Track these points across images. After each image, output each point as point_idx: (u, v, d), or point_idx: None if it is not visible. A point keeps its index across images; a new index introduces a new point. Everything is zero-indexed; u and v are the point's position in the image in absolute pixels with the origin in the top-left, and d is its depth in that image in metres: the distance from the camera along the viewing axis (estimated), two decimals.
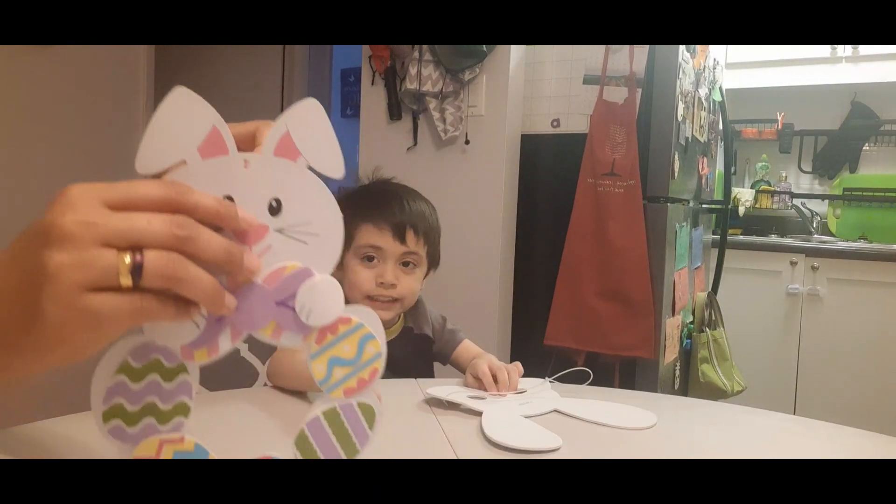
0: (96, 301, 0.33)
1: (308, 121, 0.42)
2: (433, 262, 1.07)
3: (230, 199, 0.40)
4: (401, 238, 0.99)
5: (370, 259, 1.00)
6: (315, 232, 0.42)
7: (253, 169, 0.41)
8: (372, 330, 0.45)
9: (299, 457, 0.45)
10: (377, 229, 0.99)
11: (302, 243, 0.42)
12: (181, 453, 0.43)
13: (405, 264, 1.02)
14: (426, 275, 1.07)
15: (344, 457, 0.46)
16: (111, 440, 0.41)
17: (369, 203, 1.02)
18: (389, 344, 1.08)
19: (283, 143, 0.41)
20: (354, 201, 1.05)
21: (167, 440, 0.42)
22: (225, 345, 0.41)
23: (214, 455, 0.44)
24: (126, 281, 0.34)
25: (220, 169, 0.40)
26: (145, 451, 0.42)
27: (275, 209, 0.41)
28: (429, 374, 1.10)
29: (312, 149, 0.42)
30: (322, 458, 0.46)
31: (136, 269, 0.34)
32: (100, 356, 0.40)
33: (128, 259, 0.34)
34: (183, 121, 0.39)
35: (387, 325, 1.05)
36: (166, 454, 0.42)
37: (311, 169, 0.42)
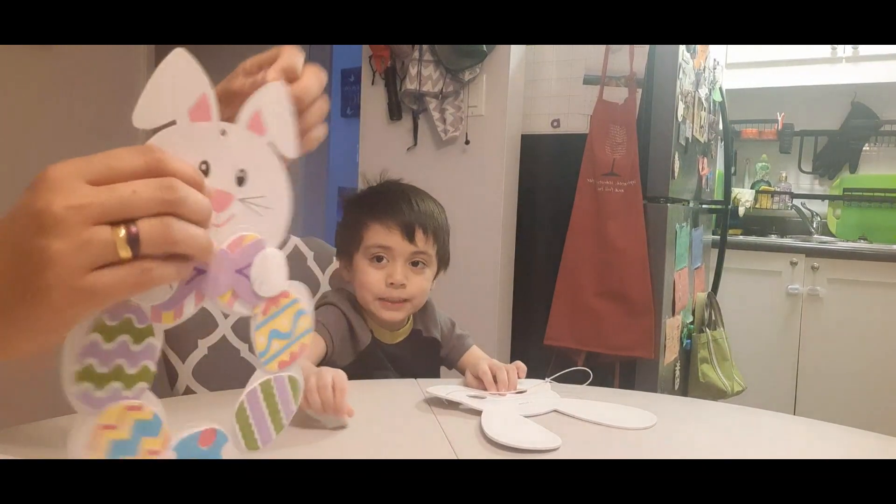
0: (100, 279, 0.34)
1: (276, 102, 0.45)
2: (443, 262, 1.06)
3: (206, 164, 0.42)
4: (410, 237, 0.99)
5: (379, 259, 0.99)
6: (269, 206, 0.44)
7: (229, 138, 0.43)
8: (304, 305, 0.47)
9: (237, 429, 0.47)
10: (386, 229, 0.99)
11: (258, 215, 0.44)
12: (141, 422, 0.43)
13: (414, 264, 1.01)
14: (436, 275, 1.06)
15: (273, 432, 0.48)
16: (79, 405, 0.40)
17: (377, 203, 1.01)
18: (398, 346, 1.08)
19: (255, 119, 0.44)
20: (362, 202, 1.04)
21: (130, 406, 0.42)
22: (189, 308, 0.42)
23: (167, 425, 0.44)
24: (125, 253, 0.34)
25: (202, 134, 0.42)
26: (109, 418, 0.42)
27: (241, 180, 0.43)
28: (435, 377, 1.10)
29: (276, 128, 0.45)
30: (256, 430, 0.47)
31: (133, 240, 0.35)
32: None
33: (122, 232, 0.34)
34: (179, 82, 0.42)
35: (396, 326, 1.04)
36: (128, 422, 0.42)
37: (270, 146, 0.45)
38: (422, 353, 1.07)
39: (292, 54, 0.47)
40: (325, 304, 1.02)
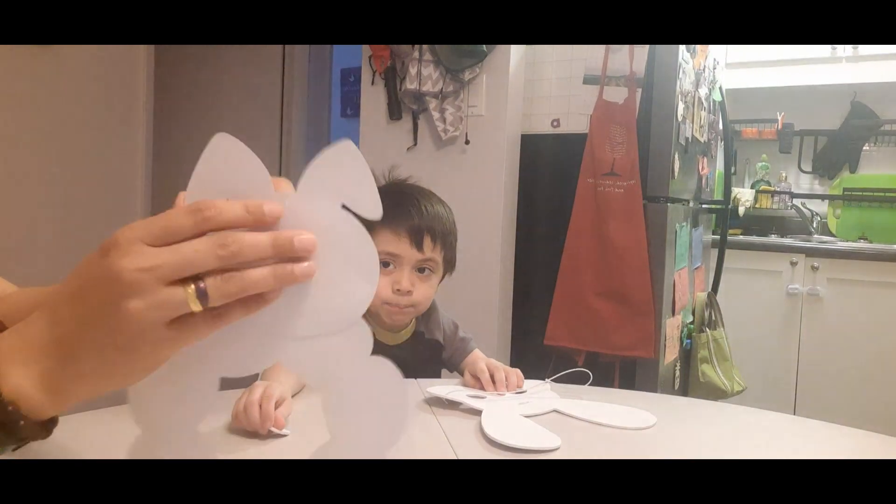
0: (178, 331, 0.39)
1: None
2: (449, 266, 1.06)
3: None
4: (418, 245, 0.98)
5: (386, 265, 0.99)
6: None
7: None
8: None
9: None
10: (395, 235, 0.98)
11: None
12: None
13: (421, 270, 1.00)
14: (441, 280, 1.06)
15: None
16: None
17: (387, 206, 1.01)
18: (399, 347, 1.08)
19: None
20: None
21: None
22: None
23: None
24: (196, 307, 0.38)
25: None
26: None
27: None
28: (436, 378, 1.09)
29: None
30: None
31: (202, 294, 0.38)
32: None
33: (192, 289, 0.38)
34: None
35: (398, 328, 1.04)
36: None
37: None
38: (424, 354, 1.07)
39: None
40: None
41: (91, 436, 0.66)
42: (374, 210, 0.42)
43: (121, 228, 0.39)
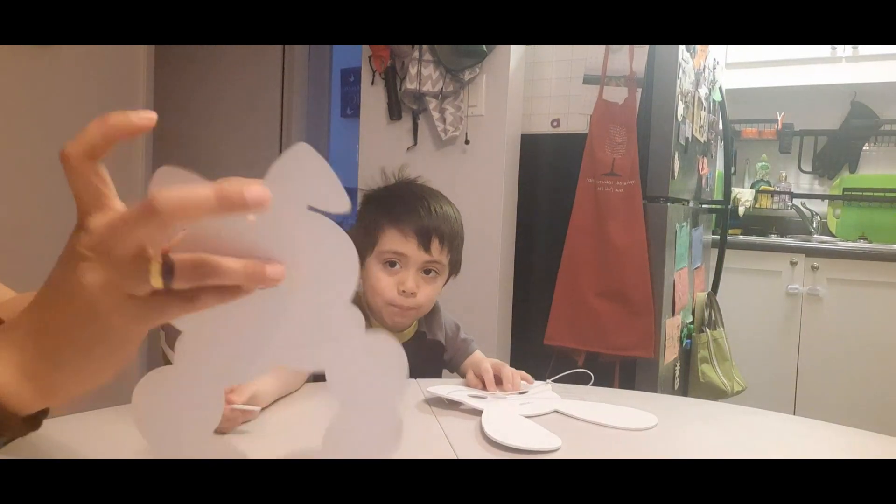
0: (146, 308, 0.37)
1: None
2: (454, 268, 1.06)
3: None
4: (425, 247, 0.98)
5: (392, 264, 0.99)
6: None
7: None
8: None
9: None
10: (402, 236, 0.97)
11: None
12: None
13: (427, 272, 1.00)
14: (446, 281, 1.06)
15: None
16: None
17: (396, 206, 1.00)
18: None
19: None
20: (380, 203, 1.03)
21: None
22: None
23: None
24: (158, 283, 0.36)
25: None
26: None
27: None
28: (437, 378, 1.09)
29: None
30: None
31: (167, 271, 0.36)
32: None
33: (156, 265, 0.36)
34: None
35: (400, 329, 1.04)
36: None
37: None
38: (425, 355, 1.07)
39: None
40: None
41: (92, 436, 0.66)
42: (342, 204, 0.41)
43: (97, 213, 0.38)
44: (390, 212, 1.00)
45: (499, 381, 0.90)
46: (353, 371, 0.45)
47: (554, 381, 0.92)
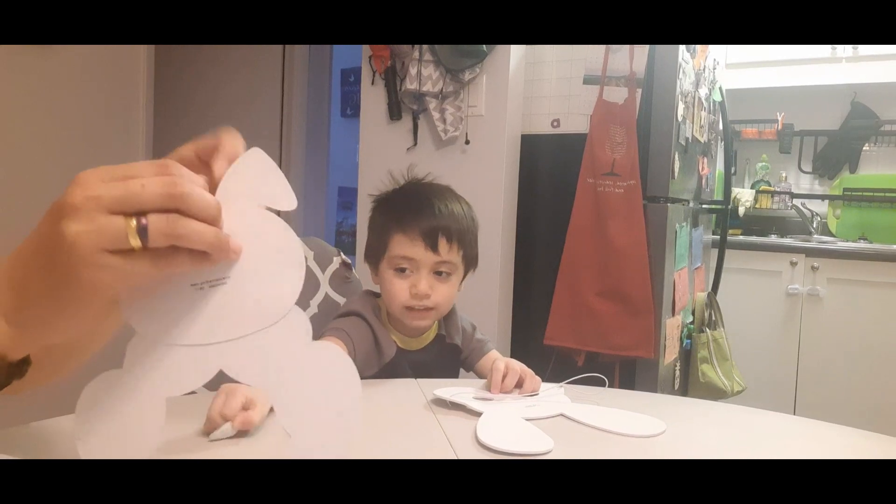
0: (115, 261, 0.39)
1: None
2: (470, 264, 1.04)
3: None
4: (433, 248, 0.97)
5: (402, 270, 0.98)
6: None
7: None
8: None
9: None
10: (409, 240, 0.97)
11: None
12: None
13: (439, 273, 0.99)
14: (464, 278, 1.04)
15: None
16: None
17: (401, 210, 1.00)
18: (422, 351, 1.08)
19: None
20: (387, 208, 1.02)
21: None
22: None
23: None
24: (135, 242, 0.38)
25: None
26: None
27: None
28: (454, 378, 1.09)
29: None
30: None
31: (142, 230, 0.39)
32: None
33: (133, 223, 0.38)
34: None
35: (421, 331, 1.04)
36: None
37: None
38: (444, 358, 1.07)
39: (235, 143, 0.46)
40: (352, 315, 1.00)
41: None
42: (290, 202, 0.44)
43: (87, 169, 0.40)
44: (396, 216, 0.99)
45: (519, 384, 0.89)
46: (300, 390, 0.45)
47: (567, 384, 0.92)
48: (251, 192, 0.44)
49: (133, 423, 0.45)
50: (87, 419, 0.45)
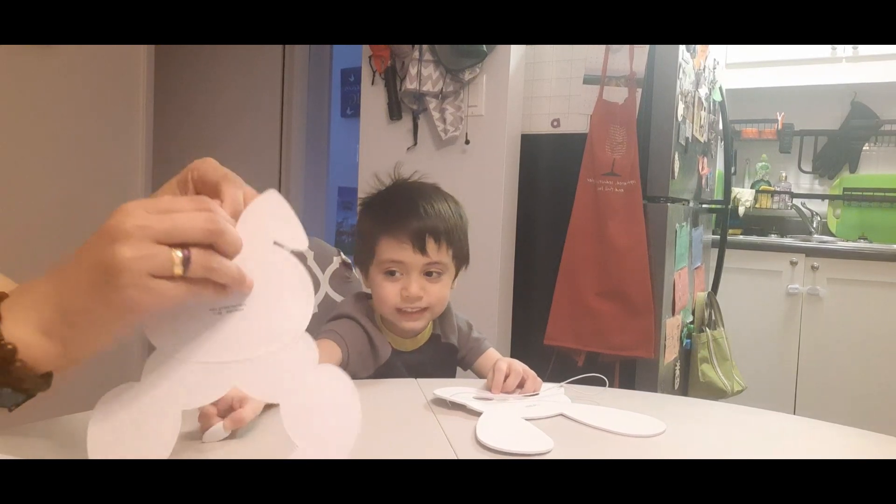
0: (160, 285, 0.43)
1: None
2: (461, 262, 1.04)
3: None
4: (421, 250, 0.96)
5: (392, 273, 0.97)
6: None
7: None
8: None
9: None
10: (397, 242, 0.96)
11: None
12: None
13: (429, 274, 0.98)
14: (456, 276, 1.04)
15: None
16: None
17: (387, 213, 0.99)
18: (417, 352, 1.07)
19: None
20: (373, 211, 1.02)
21: None
22: None
23: None
24: (179, 271, 0.43)
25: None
26: None
27: None
28: (451, 378, 1.09)
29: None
30: None
31: (186, 261, 0.44)
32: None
33: (179, 254, 0.43)
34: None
35: (415, 332, 1.03)
36: None
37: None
38: (440, 358, 1.06)
39: (236, 196, 0.50)
40: (344, 318, 1.00)
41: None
42: (301, 243, 0.50)
43: (131, 201, 0.45)
44: (383, 220, 0.98)
45: (521, 385, 0.89)
46: (306, 406, 0.49)
47: (567, 383, 0.92)
48: (268, 232, 0.49)
49: (149, 431, 0.48)
50: (102, 428, 0.48)
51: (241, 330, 0.48)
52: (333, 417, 0.50)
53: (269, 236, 0.49)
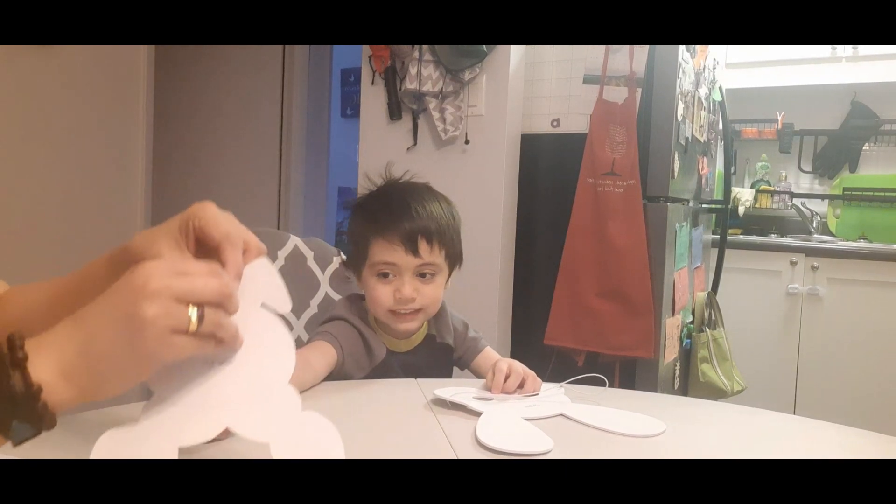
0: (179, 340, 0.48)
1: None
2: (454, 262, 1.03)
3: None
4: (413, 251, 0.95)
5: (385, 275, 0.97)
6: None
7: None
8: None
9: None
10: (389, 244, 0.96)
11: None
12: None
13: (422, 275, 0.98)
14: (449, 275, 1.03)
15: None
16: None
17: (378, 215, 0.98)
18: (412, 352, 1.07)
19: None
20: (365, 213, 1.01)
21: None
22: None
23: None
24: (193, 328, 0.48)
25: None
26: None
27: None
28: (447, 378, 1.08)
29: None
30: None
31: (200, 318, 0.49)
32: None
33: (195, 311, 0.48)
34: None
35: (410, 333, 1.03)
36: None
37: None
38: (435, 358, 1.06)
39: (237, 261, 0.56)
40: (337, 320, 1.00)
41: (93, 436, 0.66)
42: (285, 306, 0.57)
43: (151, 261, 0.50)
44: (374, 222, 0.98)
45: (521, 386, 0.88)
46: (292, 444, 0.53)
47: (567, 384, 0.92)
48: (257, 296, 0.56)
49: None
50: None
51: (230, 380, 0.54)
52: (318, 450, 0.54)
53: (259, 299, 0.56)
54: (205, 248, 0.57)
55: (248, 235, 0.58)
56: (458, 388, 0.84)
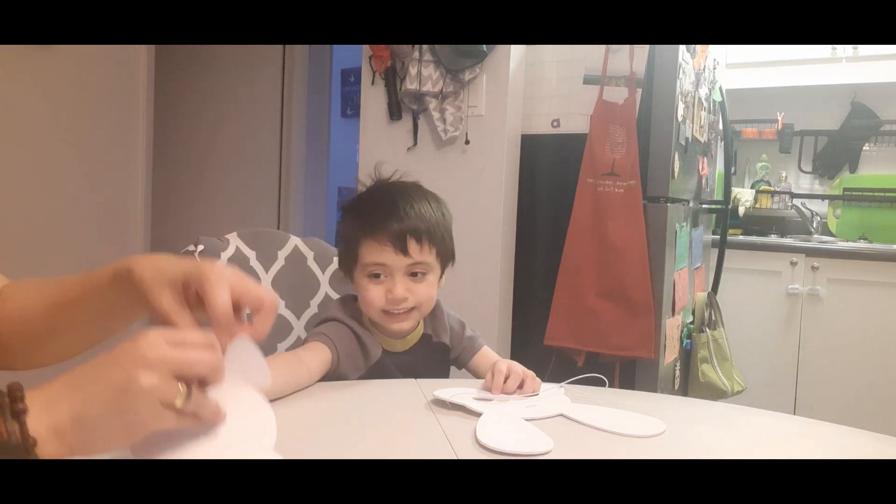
0: (167, 414, 0.50)
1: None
2: (446, 260, 1.02)
3: None
4: (403, 251, 0.95)
5: (377, 276, 0.97)
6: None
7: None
8: None
9: None
10: (378, 245, 0.95)
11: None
12: None
13: (413, 274, 0.98)
14: (442, 273, 1.03)
15: None
16: None
17: (367, 216, 0.98)
18: (408, 352, 1.06)
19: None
20: (354, 214, 1.01)
21: None
22: None
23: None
24: (180, 403, 0.51)
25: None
26: None
27: None
28: (444, 378, 1.08)
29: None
30: None
31: (186, 398, 0.51)
32: None
33: (184, 389, 0.51)
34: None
35: (404, 333, 1.03)
36: None
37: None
38: (432, 358, 1.06)
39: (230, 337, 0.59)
40: (331, 321, 1.00)
41: None
42: (264, 382, 0.62)
43: (150, 331, 0.52)
44: (363, 223, 0.98)
45: (520, 386, 0.88)
46: None
47: (567, 384, 0.91)
48: (239, 372, 0.58)
49: None
50: None
51: (210, 452, 0.55)
52: None
53: (241, 376, 0.59)
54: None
55: (258, 291, 0.60)
56: (457, 389, 0.84)
